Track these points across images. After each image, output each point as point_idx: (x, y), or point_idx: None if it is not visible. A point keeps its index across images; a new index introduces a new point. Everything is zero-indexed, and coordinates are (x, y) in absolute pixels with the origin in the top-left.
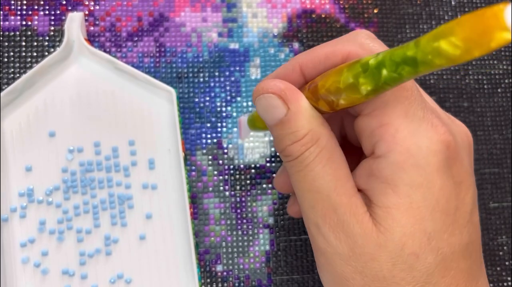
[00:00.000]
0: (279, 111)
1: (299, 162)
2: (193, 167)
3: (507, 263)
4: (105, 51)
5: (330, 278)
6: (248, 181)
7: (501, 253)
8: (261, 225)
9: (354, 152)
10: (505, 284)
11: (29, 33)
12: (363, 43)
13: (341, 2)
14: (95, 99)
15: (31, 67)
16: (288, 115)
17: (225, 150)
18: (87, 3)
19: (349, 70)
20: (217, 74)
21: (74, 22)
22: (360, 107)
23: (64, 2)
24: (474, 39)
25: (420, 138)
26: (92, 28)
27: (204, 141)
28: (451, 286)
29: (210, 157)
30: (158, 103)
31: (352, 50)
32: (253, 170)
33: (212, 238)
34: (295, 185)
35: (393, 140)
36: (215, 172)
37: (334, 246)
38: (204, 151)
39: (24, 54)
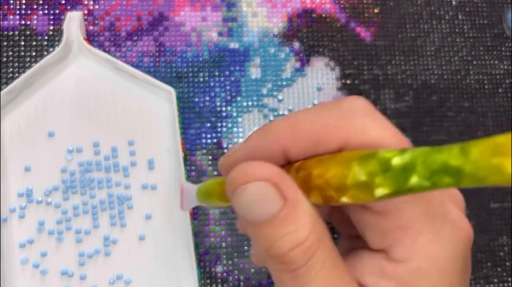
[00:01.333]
0: (274, 204)
1: (303, 273)
2: (193, 167)
3: (507, 263)
4: (104, 50)
5: None
6: None
7: (501, 253)
8: None
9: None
10: (505, 284)
11: (28, 32)
12: (364, 128)
13: (341, 2)
14: (95, 99)
15: (30, 67)
16: (286, 210)
17: (225, 150)
18: (86, 2)
19: (362, 165)
20: (217, 73)
21: (73, 21)
22: (369, 202)
23: (63, 2)
24: None
25: (444, 242)
26: (91, 27)
27: (204, 141)
28: None
29: (210, 157)
30: (158, 103)
31: (351, 137)
32: None
33: (212, 239)
34: None
35: (414, 246)
36: (215, 172)
37: None
38: (204, 151)
39: (23, 53)
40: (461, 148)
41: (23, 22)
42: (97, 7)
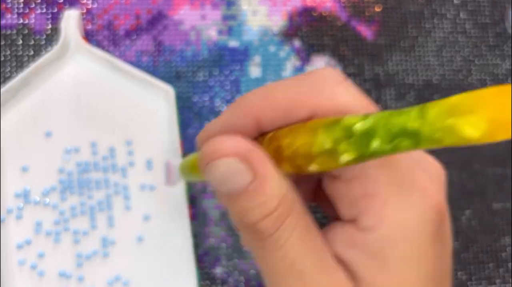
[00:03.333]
0: (243, 178)
1: (273, 241)
2: None
3: (509, 264)
4: (102, 49)
5: None
6: None
7: (503, 254)
8: None
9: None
10: (507, 285)
11: (26, 31)
12: (333, 94)
13: (342, 0)
14: (92, 98)
15: (28, 66)
16: (256, 183)
17: None
18: (84, 1)
19: (327, 133)
20: (216, 72)
21: (71, 20)
22: (337, 170)
23: (61, 0)
24: (501, 121)
25: (411, 209)
26: (89, 26)
27: None
28: None
29: None
30: (156, 102)
31: (320, 104)
32: None
33: (212, 240)
34: (267, 269)
35: (381, 213)
36: None
37: None
38: None
39: (21, 52)
40: (419, 110)
41: (21, 21)
42: (95, 5)
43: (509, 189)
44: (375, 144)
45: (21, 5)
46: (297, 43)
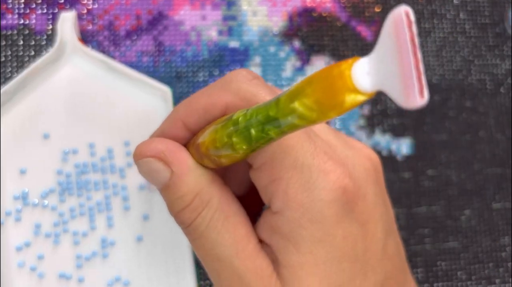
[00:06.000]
0: (163, 175)
1: (192, 230)
2: None
3: (509, 264)
4: (103, 50)
5: None
6: None
7: (503, 254)
8: None
9: None
10: (507, 285)
11: (27, 32)
12: (239, 89)
13: (342, 1)
14: (89, 100)
15: (28, 67)
16: (173, 179)
17: None
18: (85, 1)
19: (223, 129)
20: (216, 73)
21: (66, 22)
22: (250, 160)
23: (61, 1)
24: (326, 102)
25: (313, 190)
26: (90, 26)
27: None
28: None
29: None
30: (154, 103)
31: (229, 100)
32: None
33: None
34: (196, 253)
35: (286, 196)
36: None
37: None
38: None
39: (21, 53)
40: (276, 99)
41: (21, 21)
42: (96, 6)
43: (509, 189)
44: (253, 133)
45: (22, 6)
46: (297, 43)
